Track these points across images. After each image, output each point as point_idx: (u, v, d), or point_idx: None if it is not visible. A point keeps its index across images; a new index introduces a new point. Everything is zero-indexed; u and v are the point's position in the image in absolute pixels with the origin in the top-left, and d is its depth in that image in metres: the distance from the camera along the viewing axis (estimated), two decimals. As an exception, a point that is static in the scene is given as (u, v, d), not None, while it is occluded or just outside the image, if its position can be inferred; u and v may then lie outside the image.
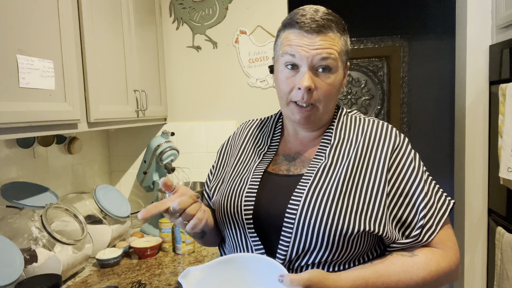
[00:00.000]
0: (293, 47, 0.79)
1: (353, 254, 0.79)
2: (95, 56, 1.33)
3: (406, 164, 0.81)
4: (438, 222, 0.80)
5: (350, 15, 3.23)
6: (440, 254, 0.78)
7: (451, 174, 3.23)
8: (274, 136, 0.95)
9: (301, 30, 0.79)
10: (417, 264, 0.76)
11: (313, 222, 0.75)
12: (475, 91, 1.90)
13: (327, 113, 0.86)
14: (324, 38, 0.78)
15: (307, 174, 0.82)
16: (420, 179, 0.81)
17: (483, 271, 1.95)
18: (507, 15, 1.67)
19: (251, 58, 1.99)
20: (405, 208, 0.80)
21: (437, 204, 0.81)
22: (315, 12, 0.79)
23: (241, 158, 0.96)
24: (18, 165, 1.43)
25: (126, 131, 2.09)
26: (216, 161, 1.04)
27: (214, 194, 0.97)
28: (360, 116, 0.91)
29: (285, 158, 0.90)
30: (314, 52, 0.77)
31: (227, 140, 1.05)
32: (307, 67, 0.78)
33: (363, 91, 3.45)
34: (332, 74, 0.80)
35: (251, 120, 1.05)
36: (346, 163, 0.81)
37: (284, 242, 0.78)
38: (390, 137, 0.84)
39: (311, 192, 0.78)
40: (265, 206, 0.82)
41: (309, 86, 0.77)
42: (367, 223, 0.75)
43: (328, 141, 0.86)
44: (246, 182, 0.87)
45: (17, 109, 0.95)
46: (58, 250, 1.27)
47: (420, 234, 0.79)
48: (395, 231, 0.80)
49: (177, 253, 1.58)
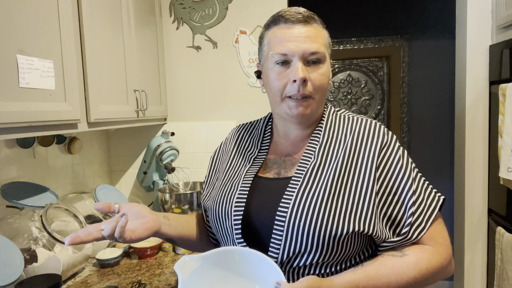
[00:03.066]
0: (284, 44, 0.79)
1: (344, 255, 0.79)
2: (95, 56, 1.33)
3: (394, 162, 0.81)
4: (428, 218, 0.79)
5: (350, 15, 3.23)
6: (430, 252, 0.78)
7: (451, 174, 3.23)
8: (264, 139, 0.95)
9: (287, 22, 0.80)
10: (407, 264, 0.76)
11: (303, 225, 0.75)
12: (475, 91, 1.90)
13: (321, 106, 0.87)
14: (310, 28, 0.80)
15: (296, 176, 0.81)
16: (408, 177, 0.80)
17: (483, 271, 1.95)
18: (507, 15, 1.67)
19: (251, 58, 1.99)
20: (394, 206, 0.80)
21: (427, 200, 0.81)
22: (297, 8, 0.83)
23: (232, 163, 0.95)
24: (18, 165, 1.43)
25: (126, 131, 2.09)
26: (209, 168, 1.03)
27: (204, 198, 0.97)
28: (349, 114, 0.91)
29: (275, 161, 0.90)
30: (304, 46, 0.78)
31: (219, 146, 1.04)
32: (298, 60, 0.79)
33: (363, 91, 3.45)
34: (322, 64, 0.81)
35: (241, 125, 1.04)
36: (334, 163, 0.81)
37: (274, 245, 0.77)
38: (378, 135, 0.83)
39: (300, 195, 0.78)
40: (255, 210, 0.83)
41: (304, 77, 0.78)
42: (357, 223, 0.75)
43: (316, 141, 0.86)
44: (236, 188, 0.87)
45: (17, 109, 0.95)
46: (58, 250, 1.27)
47: (409, 232, 0.78)
48: (385, 229, 0.80)
49: (177, 253, 1.58)
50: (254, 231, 0.82)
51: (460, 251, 2.03)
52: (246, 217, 0.82)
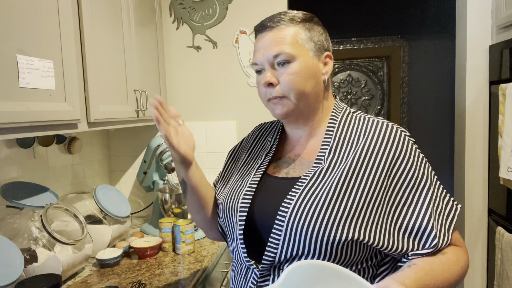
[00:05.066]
0: (255, 53, 0.85)
1: (347, 261, 0.77)
2: (95, 56, 1.33)
3: (410, 172, 0.78)
4: (448, 227, 0.79)
5: (350, 15, 3.23)
6: (461, 250, 0.81)
7: (451, 174, 3.22)
8: (278, 138, 0.97)
9: (259, 32, 0.85)
10: (451, 261, 0.77)
11: (301, 227, 0.74)
12: (475, 91, 1.90)
13: (308, 104, 0.84)
14: (275, 32, 0.82)
15: (304, 177, 0.81)
16: (428, 188, 0.78)
17: (483, 271, 1.95)
18: (507, 15, 1.67)
19: (251, 58, 1.99)
20: (411, 216, 0.77)
21: (445, 210, 0.80)
22: (276, 13, 0.85)
23: (247, 160, 0.98)
24: (18, 165, 1.43)
25: (126, 131, 2.09)
26: (226, 162, 1.07)
27: (217, 193, 1.00)
28: (365, 116, 0.87)
29: (286, 160, 0.90)
30: (267, 52, 0.82)
31: (239, 143, 1.07)
32: (268, 66, 0.83)
33: (363, 91, 3.45)
34: (292, 64, 0.81)
35: (262, 124, 1.06)
36: (342, 167, 0.79)
37: (272, 245, 0.77)
38: (393, 142, 0.80)
39: (303, 196, 0.77)
40: (259, 208, 0.83)
41: (267, 82, 0.82)
42: (356, 231, 0.73)
43: (328, 143, 0.84)
44: (245, 184, 0.89)
45: (17, 109, 0.95)
46: (58, 250, 1.27)
47: (439, 242, 0.77)
48: (403, 240, 0.77)
49: (177, 253, 1.58)
50: (256, 229, 0.83)
51: (460, 251, 2.03)
52: (251, 215, 0.84)
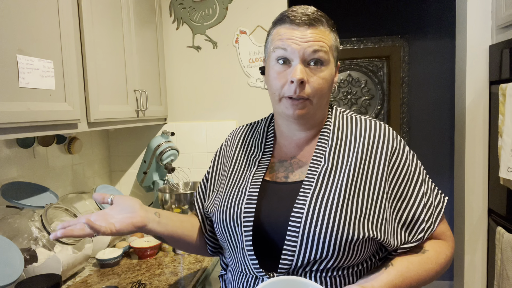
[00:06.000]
0: (284, 40, 0.78)
1: (356, 259, 0.78)
2: (95, 56, 1.33)
3: (405, 167, 0.83)
4: (435, 219, 0.83)
5: (350, 15, 3.23)
6: (444, 245, 0.84)
7: (451, 174, 3.23)
8: (267, 141, 0.92)
9: (292, 23, 0.79)
10: (430, 259, 0.80)
11: (319, 230, 0.74)
12: (475, 91, 1.90)
13: (321, 109, 0.84)
14: (314, 31, 0.78)
15: (308, 180, 0.80)
16: (418, 181, 0.83)
17: (483, 271, 1.95)
18: (507, 15, 1.67)
19: (251, 58, 1.99)
20: (409, 210, 0.82)
21: (434, 201, 0.85)
22: (305, 8, 0.81)
23: (235, 167, 0.92)
24: (18, 165, 1.43)
25: (126, 131, 2.09)
26: (210, 171, 1.01)
27: (208, 205, 0.94)
28: (356, 116, 0.90)
29: (281, 164, 0.88)
30: (306, 45, 0.77)
31: (219, 149, 1.02)
32: (299, 60, 0.77)
33: (363, 91, 3.45)
34: (324, 67, 0.79)
35: (241, 127, 1.02)
36: (347, 167, 0.80)
37: (288, 252, 0.75)
38: (388, 140, 0.84)
39: (314, 199, 0.76)
40: (266, 216, 0.80)
41: (302, 79, 0.76)
42: (370, 229, 0.76)
43: (325, 143, 0.84)
44: (244, 193, 0.84)
45: (17, 109, 0.95)
46: (58, 250, 1.27)
47: (424, 237, 0.82)
48: (400, 234, 0.81)
49: (177, 253, 1.58)
50: (265, 237, 0.80)
51: (460, 251, 2.03)
52: (256, 222, 0.80)
